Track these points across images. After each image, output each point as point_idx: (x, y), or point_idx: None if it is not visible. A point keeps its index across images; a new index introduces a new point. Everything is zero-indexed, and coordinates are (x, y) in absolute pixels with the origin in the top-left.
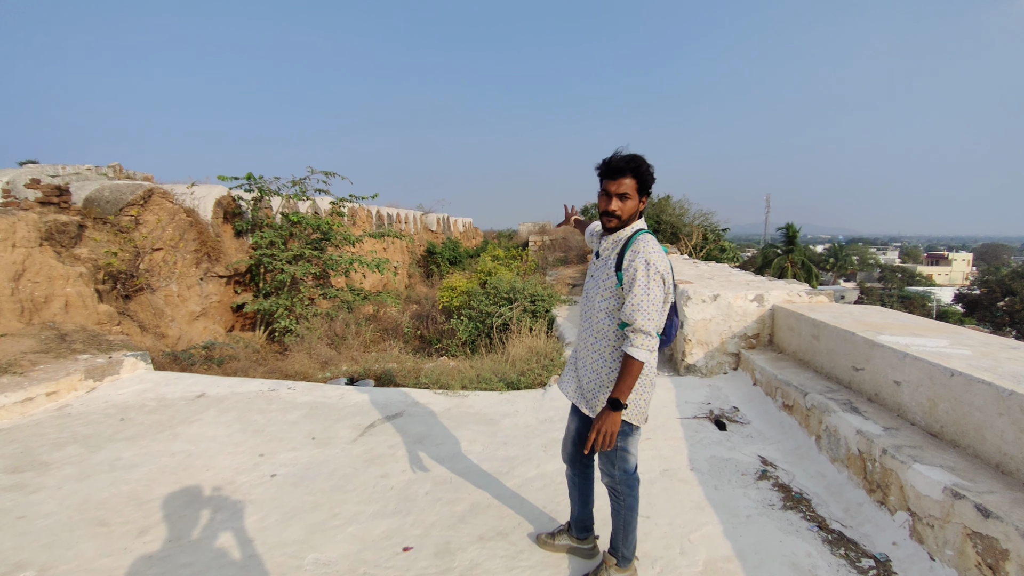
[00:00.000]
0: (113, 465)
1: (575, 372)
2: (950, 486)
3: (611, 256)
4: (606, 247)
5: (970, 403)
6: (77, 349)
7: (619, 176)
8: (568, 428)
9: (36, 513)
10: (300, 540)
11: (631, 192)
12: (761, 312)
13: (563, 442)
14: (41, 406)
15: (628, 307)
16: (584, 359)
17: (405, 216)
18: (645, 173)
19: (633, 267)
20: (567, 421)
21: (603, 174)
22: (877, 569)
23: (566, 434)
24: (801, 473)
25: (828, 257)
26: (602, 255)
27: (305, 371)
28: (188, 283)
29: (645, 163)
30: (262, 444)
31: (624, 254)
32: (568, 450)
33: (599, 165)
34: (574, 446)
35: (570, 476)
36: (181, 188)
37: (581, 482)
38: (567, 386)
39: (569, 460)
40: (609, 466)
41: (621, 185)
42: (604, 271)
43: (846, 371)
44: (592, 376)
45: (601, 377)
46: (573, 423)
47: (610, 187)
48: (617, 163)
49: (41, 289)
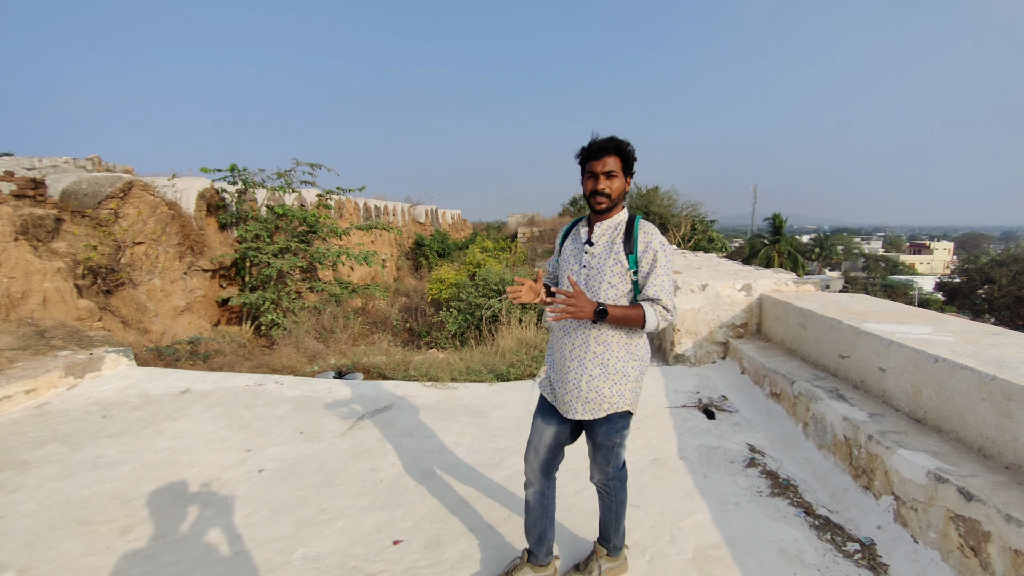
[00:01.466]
0: (95, 463)
1: (564, 372)
2: (933, 470)
3: (614, 241)
4: (602, 233)
5: (953, 389)
6: (56, 346)
7: (603, 155)
8: (539, 436)
9: (16, 513)
10: (289, 536)
11: (617, 170)
12: (749, 301)
13: (531, 453)
14: (20, 404)
15: (652, 287)
16: (581, 356)
17: (393, 208)
18: (627, 151)
19: (652, 249)
20: (534, 430)
21: (586, 156)
22: (862, 552)
23: (537, 443)
24: (788, 460)
25: (814, 247)
26: (598, 242)
27: (293, 365)
28: (171, 277)
29: (626, 142)
30: (249, 439)
31: (633, 237)
32: (542, 458)
33: (580, 151)
34: (551, 453)
35: (536, 493)
36: (162, 180)
37: (550, 495)
38: (550, 393)
39: (542, 470)
40: (605, 464)
41: (606, 164)
42: (607, 257)
43: (833, 359)
44: (597, 371)
45: (608, 367)
46: (548, 429)
47: (595, 167)
48: (599, 143)
49: (17, 284)
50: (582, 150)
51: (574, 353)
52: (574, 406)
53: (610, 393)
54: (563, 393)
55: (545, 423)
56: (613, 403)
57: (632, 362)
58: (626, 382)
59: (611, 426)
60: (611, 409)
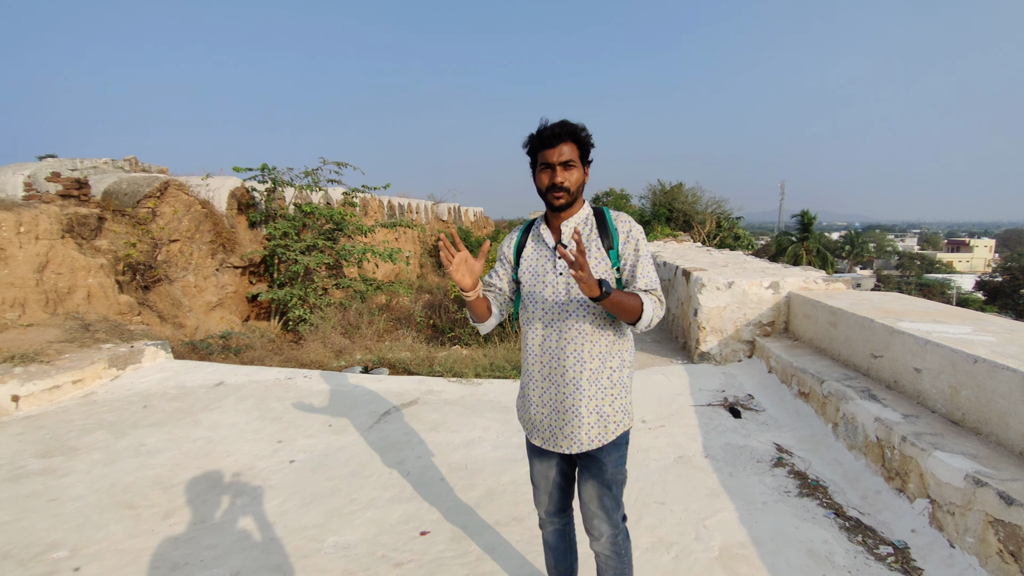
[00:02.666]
0: (138, 450)
1: (557, 400)
2: (972, 473)
3: (589, 238)
4: (569, 233)
5: (994, 390)
6: (100, 339)
7: (557, 143)
8: (545, 478)
9: (67, 496)
10: (319, 524)
11: (574, 160)
12: (776, 299)
13: (541, 495)
14: (68, 393)
15: (644, 279)
16: (576, 377)
17: (416, 206)
18: (584, 137)
19: (633, 238)
20: (535, 473)
21: (537, 146)
22: (895, 556)
23: (544, 485)
24: (817, 460)
25: (844, 244)
26: (569, 244)
27: (320, 360)
28: (204, 274)
29: (581, 126)
30: (280, 431)
31: (610, 230)
32: (556, 501)
33: (527, 139)
34: (562, 491)
35: (555, 531)
36: (196, 180)
37: (571, 530)
38: (542, 432)
39: (557, 509)
40: (614, 509)
41: (562, 153)
42: (587, 257)
43: (864, 358)
44: (593, 389)
45: (602, 381)
46: (550, 469)
47: (550, 157)
48: (552, 129)
49: (64, 280)
50: (530, 138)
51: (567, 376)
52: (577, 438)
53: (612, 411)
54: (559, 426)
55: (544, 463)
56: (618, 421)
57: (625, 369)
58: (625, 394)
59: (620, 452)
60: (618, 430)
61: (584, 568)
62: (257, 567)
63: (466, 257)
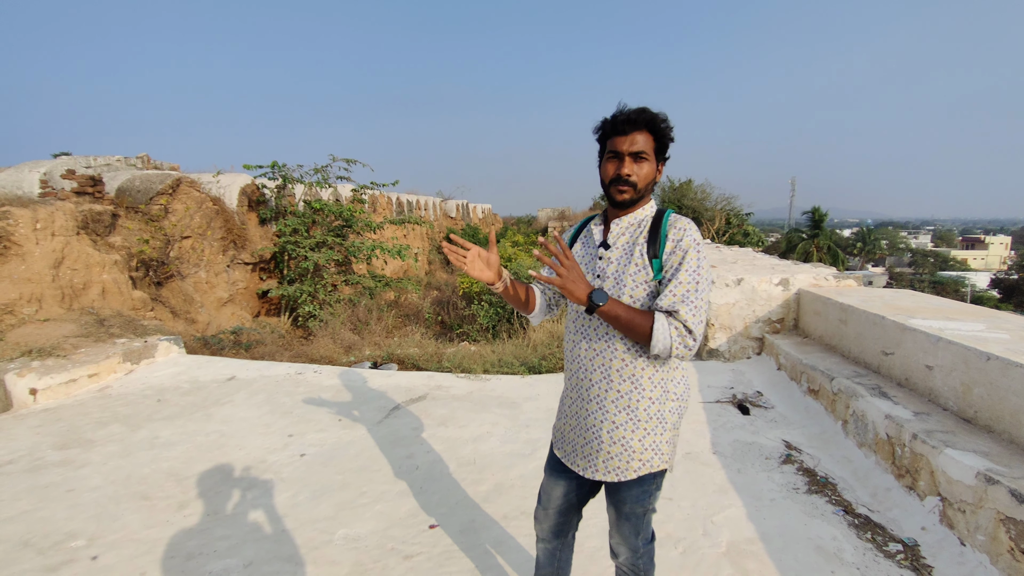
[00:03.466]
0: (152, 443)
1: (579, 417)
2: (983, 471)
3: (636, 242)
4: (619, 233)
5: (1007, 388)
6: (115, 333)
7: (631, 130)
8: (550, 496)
9: (84, 487)
10: (330, 517)
11: (648, 152)
12: (786, 296)
13: (540, 511)
14: (84, 387)
15: (669, 295)
16: (601, 395)
17: (424, 203)
18: (663, 128)
19: (682, 248)
20: (543, 486)
21: (608, 132)
22: (905, 553)
23: (546, 502)
24: (826, 458)
25: (855, 242)
26: (615, 244)
27: (330, 355)
28: (216, 270)
29: (662, 116)
30: (291, 425)
31: (660, 236)
32: (552, 522)
33: (599, 124)
34: (563, 516)
35: (547, 550)
36: (207, 177)
37: (564, 557)
38: (564, 445)
39: (553, 532)
40: (633, 536)
41: (635, 142)
42: (627, 264)
43: (875, 356)
44: (623, 416)
45: (637, 412)
46: (558, 488)
47: (621, 145)
48: (628, 114)
49: (80, 276)
50: (603, 123)
51: (592, 391)
52: (594, 462)
53: (641, 447)
54: (580, 444)
55: (553, 480)
56: (646, 460)
57: (669, 403)
58: (662, 431)
59: (643, 489)
60: (643, 469)
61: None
62: (270, 557)
63: (478, 252)
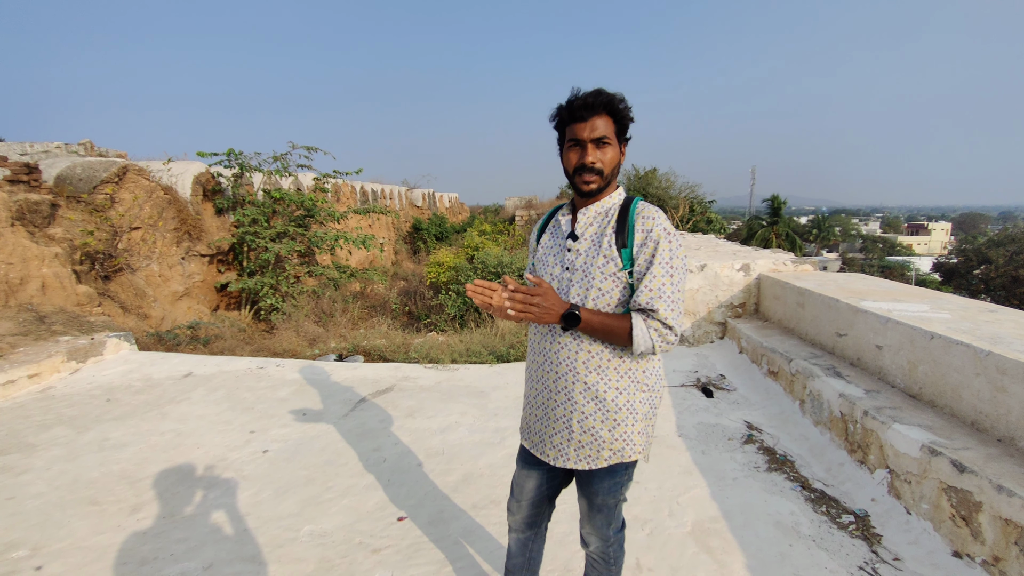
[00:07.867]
0: (102, 445)
1: (547, 407)
2: (927, 444)
3: (604, 232)
4: (587, 223)
5: (949, 364)
6: (58, 331)
7: (590, 115)
8: (522, 488)
9: (25, 494)
10: (295, 513)
11: (609, 136)
12: (747, 281)
13: (513, 503)
14: (24, 388)
15: (647, 291)
16: (569, 387)
17: (390, 192)
18: (622, 109)
19: (653, 239)
20: (515, 478)
21: (566, 119)
22: (856, 524)
23: (518, 494)
24: (785, 436)
25: (812, 228)
26: (583, 235)
27: (293, 349)
28: (169, 263)
29: (619, 97)
30: (253, 421)
31: (630, 225)
32: (525, 513)
33: (556, 111)
34: (536, 507)
35: (519, 540)
36: (157, 165)
37: (536, 548)
38: (532, 435)
39: (526, 524)
40: (605, 526)
41: (595, 128)
42: (595, 255)
43: (830, 337)
44: (591, 407)
45: (606, 403)
46: (530, 480)
47: (581, 133)
48: (584, 100)
49: (16, 271)
50: (559, 110)
51: (559, 383)
52: (565, 451)
53: (611, 438)
54: (549, 434)
55: (526, 472)
56: (617, 450)
57: (640, 394)
58: (633, 421)
59: (615, 481)
60: (614, 458)
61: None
62: (231, 558)
63: (502, 289)
